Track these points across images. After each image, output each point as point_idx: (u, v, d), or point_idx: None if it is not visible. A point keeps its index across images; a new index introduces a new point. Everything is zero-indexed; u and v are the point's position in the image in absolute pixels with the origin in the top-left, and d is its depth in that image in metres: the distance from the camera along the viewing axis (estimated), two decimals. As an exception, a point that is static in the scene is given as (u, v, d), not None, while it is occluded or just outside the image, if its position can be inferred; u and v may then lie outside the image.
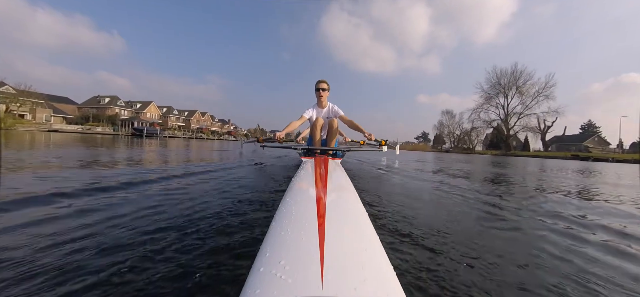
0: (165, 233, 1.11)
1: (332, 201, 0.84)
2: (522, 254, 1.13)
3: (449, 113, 58.16)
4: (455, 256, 1.05)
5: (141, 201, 1.58)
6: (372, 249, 0.56)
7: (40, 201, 1.48)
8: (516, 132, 47.28)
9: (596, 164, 14.92)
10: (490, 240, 1.28)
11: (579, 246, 1.26)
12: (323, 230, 0.59)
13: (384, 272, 0.48)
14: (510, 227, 1.52)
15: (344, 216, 0.76)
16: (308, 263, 0.46)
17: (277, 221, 0.70)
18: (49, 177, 2.18)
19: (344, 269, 0.46)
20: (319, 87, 3.06)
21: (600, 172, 7.09)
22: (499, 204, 2.12)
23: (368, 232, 0.65)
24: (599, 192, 3.16)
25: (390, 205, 1.83)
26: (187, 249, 0.97)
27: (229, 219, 1.33)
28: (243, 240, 1.08)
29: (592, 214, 1.93)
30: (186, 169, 3.19)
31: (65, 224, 1.16)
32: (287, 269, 0.45)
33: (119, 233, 1.09)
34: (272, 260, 0.49)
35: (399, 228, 1.33)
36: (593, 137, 42.63)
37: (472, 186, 3.13)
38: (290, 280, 0.42)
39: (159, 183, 2.17)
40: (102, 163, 3.37)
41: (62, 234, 1.05)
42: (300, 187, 1.07)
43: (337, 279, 0.42)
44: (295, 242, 0.56)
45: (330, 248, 0.51)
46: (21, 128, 24.13)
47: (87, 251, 0.93)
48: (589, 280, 0.93)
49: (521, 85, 45.07)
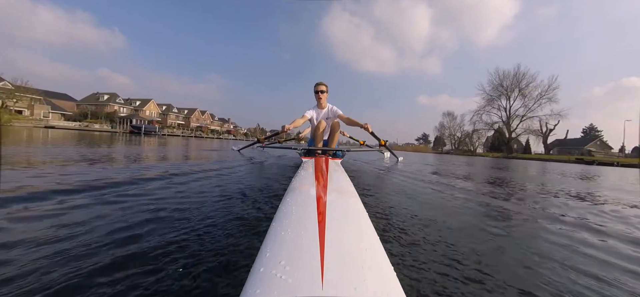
0: (164, 233, 1.11)
1: (332, 201, 0.85)
2: (526, 255, 1.14)
3: (450, 114, 58.32)
4: (457, 256, 1.05)
5: (137, 200, 1.58)
6: (372, 250, 0.56)
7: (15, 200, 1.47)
8: (518, 134, 47.27)
9: (601, 168, 14.85)
10: (493, 242, 1.28)
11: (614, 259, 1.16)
12: (323, 230, 0.59)
13: (384, 272, 0.49)
14: (514, 229, 1.52)
15: (344, 216, 0.76)
16: (308, 263, 0.47)
17: (277, 221, 0.70)
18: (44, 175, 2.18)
19: (344, 269, 0.46)
20: (318, 89, 3.17)
21: (609, 177, 6.99)
22: (505, 206, 2.12)
23: (368, 233, 0.66)
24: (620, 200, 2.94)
25: (390, 205, 1.83)
26: (186, 250, 0.97)
27: (229, 219, 1.33)
28: (243, 240, 1.08)
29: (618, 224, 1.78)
30: (185, 167, 3.19)
31: (58, 221, 1.16)
32: (287, 269, 0.45)
33: (116, 234, 1.09)
34: (273, 260, 0.49)
35: (399, 228, 1.34)
36: (595, 140, 42.71)
37: (477, 188, 3.13)
38: (290, 280, 0.42)
39: (156, 182, 2.17)
40: (97, 161, 3.37)
41: (54, 231, 1.05)
42: (301, 188, 1.08)
43: (337, 279, 0.43)
44: (296, 243, 0.56)
45: (330, 248, 0.52)
46: (18, 124, 24.11)
47: (82, 251, 0.93)
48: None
49: (524, 87, 45.09)
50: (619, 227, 1.71)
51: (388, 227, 1.36)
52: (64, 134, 11.85)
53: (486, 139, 53.06)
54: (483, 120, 50.00)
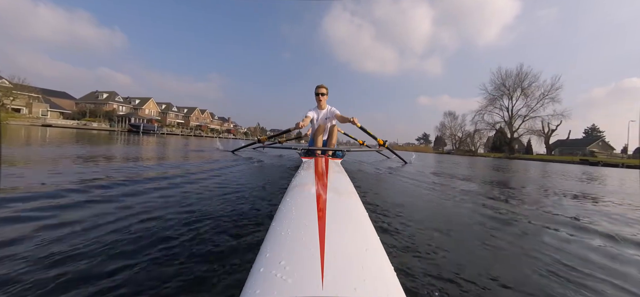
0: (164, 234, 1.11)
1: (332, 201, 0.85)
2: (527, 257, 1.14)
3: (451, 114, 58.27)
4: (457, 256, 1.06)
5: (138, 201, 1.58)
6: (372, 249, 0.56)
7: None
8: (520, 135, 47.06)
9: (606, 169, 14.71)
10: (495, 242, 1.28)
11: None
12: (323, 230, 0.59)
13: (385, 272, 0.49)
14: (515, 230, 1.52)
15: (344, 216, 0.77)
16: (308, 263, 0.47)
17: (277, 221, 0.71)
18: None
19: (345, 269, 0.46)
20: (319, 91, 3.38)
21: (625, 180, 6.59)
22: (504, 208, 2.12)
23: (368, 233, 0.66)
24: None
25: (390, 205, 1.83)
26: (187, 250, 0.98)
27: (229, 220, 1.33)
28: (243, 240, 1.08)
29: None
30: (184, 167, 3.19)
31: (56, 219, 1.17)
32: (287, 270, 0.45)
33: (115, 234, 1.09)
34: (273, 260, 0.49)
35: (400, 228, 1.34)
36: (597, 141, 42.62)
37: (484, 190, 3.13)
38: (290, 280, 0.42)
39: (155, 181, 2.17)
40: (94, 159, 3.37)
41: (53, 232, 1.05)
42: (301, 188, 1.08)
43: (337, 279, 0.43)
44: (296, 243, 0.56)
45: (330, 248, 0.52)
46: (14, 122, 24.03)
47: (78, 252, 0.93)
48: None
49: (526, 86, 44.84)
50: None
51: (388, 227, 1.36)
52: (61, 133, 11.84)
53: (487, 139, 52.95)
54: (485, 120, 49.83)
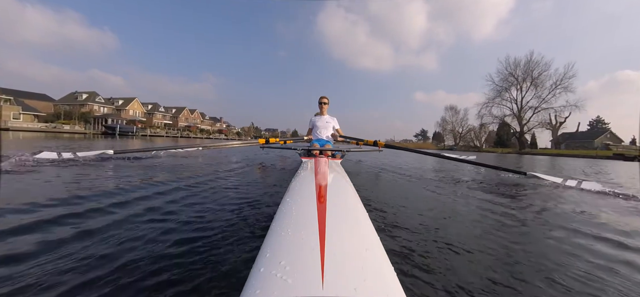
0: (164, 235, 1.13)
1: (332, 202, 0.87)
2: (528, 257, 1.17)
3: (452, 108, 58.17)
4: (458, 256, 1.09)
5: (140, 204, 1.60)
6: (372, 250, 0.59)
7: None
8: (531, 128, 44.88)
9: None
10: (496, 243, 1.32)
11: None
12: (323, 230, 0.62)
13: (385, 272, 0.51)
14: (516, 231, 1.56)
15: (344, 217, 0.79)
16: (308, 263, 0.49)
17: (277, 221, 0.73)
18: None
19: (345, 269, 0.48)
20: (322, 101, 4.03)
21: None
22: (510, 211, 2.16)
23: (368, 233, 0.68)
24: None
25: (390, 205, 1.87)
26: (187, 251, 1.00)
27: (229, 220, 1.37)
28: (243, 241, 1.11)
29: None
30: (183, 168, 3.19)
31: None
32: (287, 270, 0.47)
33: (115, 235, 1.11)
34: (273, 260, 0.51)
35: (400, 228, 1.37)
36: (605, 133, 42.43)
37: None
38: (290, 280, 0.45)
39: (155, 185, 2.17)
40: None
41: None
42: (301, 188, 1.10)
43: (337, 279, 0.45)
44: (296, 243, 0.58)
45: (330, 248, 0.54)
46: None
47: (75, 251, 0.95)
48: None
49: (536, 76, 42.29)
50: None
51: (388, 227, 1.39)
52: (23, 137, 11.26)
53: (488, 133, 52.18)
54: (492, 114, 47.85)
